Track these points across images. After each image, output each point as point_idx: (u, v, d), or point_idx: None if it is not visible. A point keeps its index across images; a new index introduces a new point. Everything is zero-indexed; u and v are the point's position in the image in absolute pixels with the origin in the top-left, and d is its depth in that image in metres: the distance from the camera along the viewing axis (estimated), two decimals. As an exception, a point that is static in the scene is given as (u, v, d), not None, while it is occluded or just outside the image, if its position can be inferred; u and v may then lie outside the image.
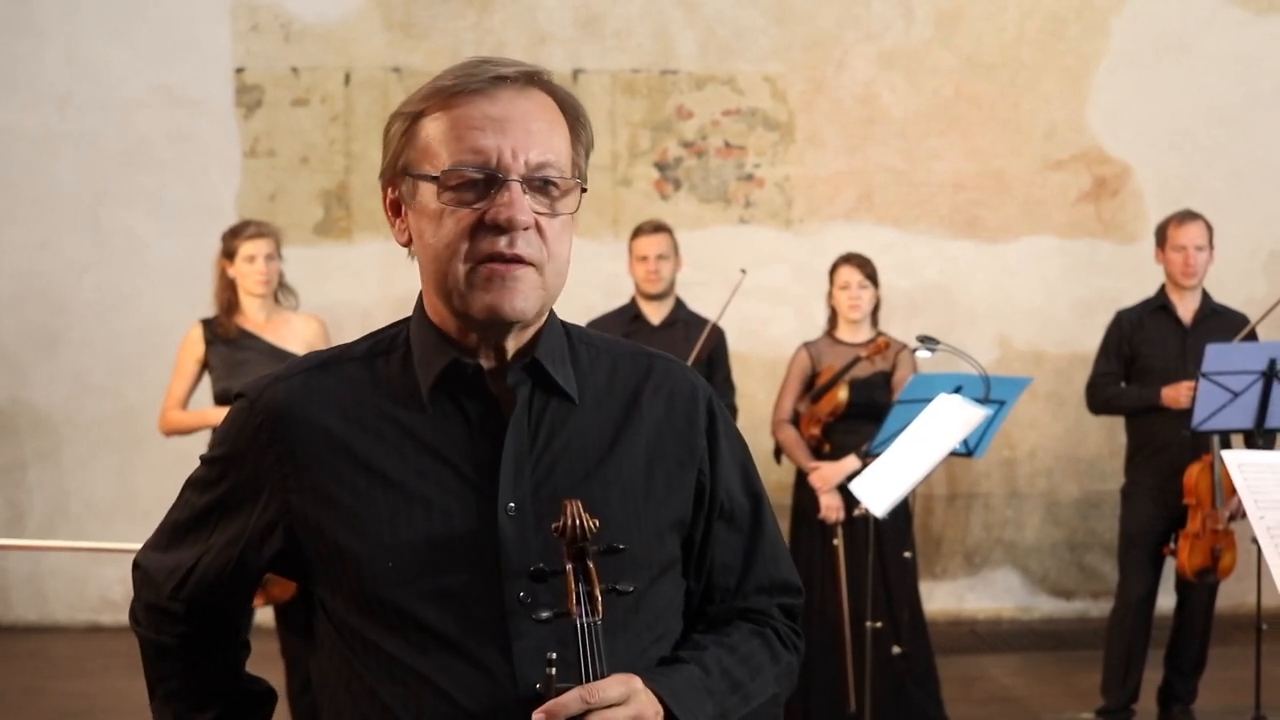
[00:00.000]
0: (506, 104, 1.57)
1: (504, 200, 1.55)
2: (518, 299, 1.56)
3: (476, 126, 1.56)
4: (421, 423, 1.61)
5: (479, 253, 1.55)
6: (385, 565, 1.57)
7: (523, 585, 1.56)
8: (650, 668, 1.61)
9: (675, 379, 1.72)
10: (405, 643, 1.57)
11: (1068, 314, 7.22)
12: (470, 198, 1.56)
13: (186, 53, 7.04)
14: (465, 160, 1.55)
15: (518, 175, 1.55)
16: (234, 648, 1.78)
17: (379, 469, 1.59)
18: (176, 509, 1.73)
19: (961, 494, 7.31)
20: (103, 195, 7.05)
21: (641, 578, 1.61)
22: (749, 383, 6.36)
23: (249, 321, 4.88)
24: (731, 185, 7.22)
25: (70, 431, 7.08)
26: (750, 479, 1.76)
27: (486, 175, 1.55)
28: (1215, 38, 7.25)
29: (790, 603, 1.79)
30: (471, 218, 1.55)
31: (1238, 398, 4.76)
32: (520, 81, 1.58)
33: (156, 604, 1.72)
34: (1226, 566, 5.14)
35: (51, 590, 7.09)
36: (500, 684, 1.55)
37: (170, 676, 1.75)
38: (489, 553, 1.57)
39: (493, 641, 1.56)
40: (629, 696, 1.51)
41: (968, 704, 5.71)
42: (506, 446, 1.59)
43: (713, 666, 1.65)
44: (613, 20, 7.15)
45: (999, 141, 7.26)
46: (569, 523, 1.53)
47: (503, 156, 1.55)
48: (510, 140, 1.55)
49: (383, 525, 1.58)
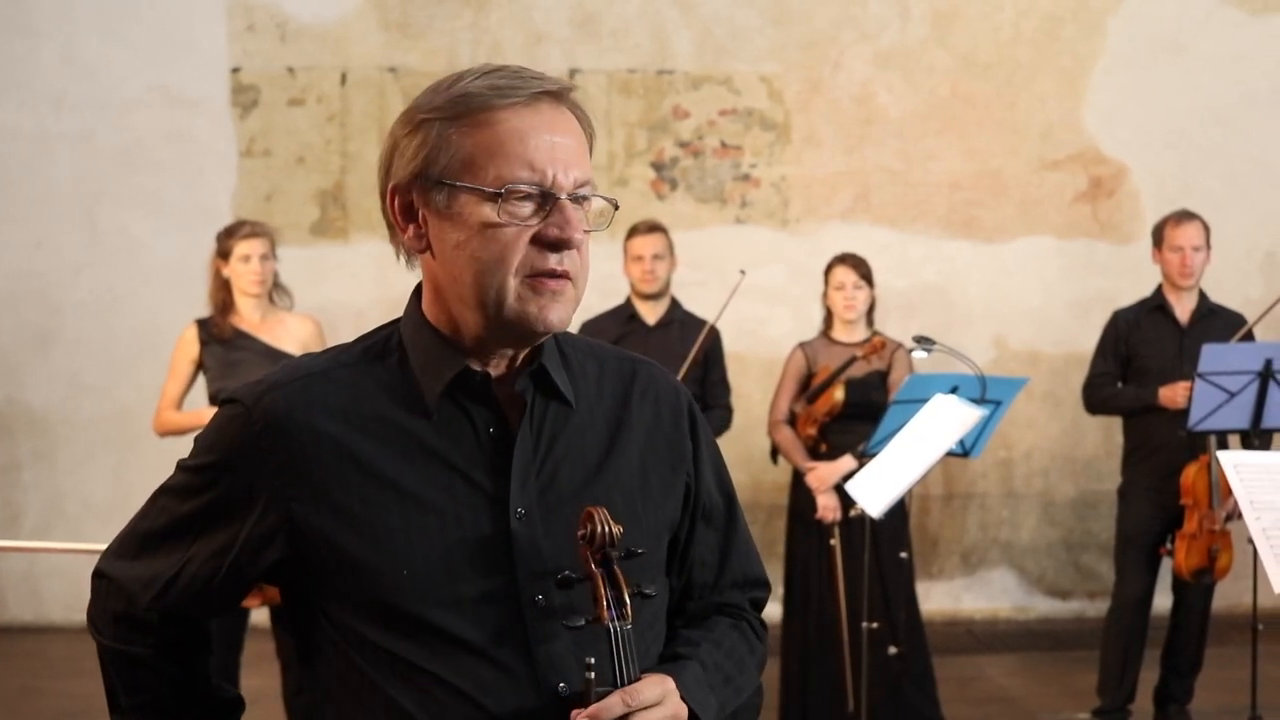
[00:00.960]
0: (552, 120, 1.58)
1: (560, 219, 1.57)
2: (561, 312, 1.59)
3: (529, 141, 1.56)
4: (427, 429, 1.60)
5: (531, 267, 1.56)
6: (400, 573, 1.56)
7: (540, 589, 1.58)
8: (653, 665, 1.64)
9: (659, 383, 1.75)
10: (425, 650, 1.57)
11: (1064, 314, 7.22)
12: (525, 212, 1.56)
13: (182, 52, 7.03)
14: (522, 176, 1.56)
15: (567, 192, 1.58)
16: (204, 656, 1.75)
17: (389, 477, 1.59)
18: (149, 517, 1.68)
19: (958, 494, 7.31)
20: (98, 195, 7.04)
21: (655, 580, 1.65)
22: (745, 383, 6.36)
23: (244, 322, 4.87)
24: (728, 185, 7.22)
25: (66, 432, 7.07)
26: (723, 477, 1.81)
27: (542, 192, 1.57)
28: (1211, 38, 7.26)
29: (760, 596, 1.85)
30: (526, 233, 1.56)
31: (1234, 398, 4.76)
32: (558, 97, 1.60)
33: (128, 614, 1.68)
34: (1223, 567, 5.14)
35: (47, 590, 7.08)
36: (523, 687, 1.56)
37: (140, 688, 1.72)
38: (503, 558, 1.58)
39: (512, 645, 1.57)
40: (664, 697, 1.56)
41: (964, 704, 5.72)
42: (517, 453, 1.61)
43: (709, 662, 1.69)
44: (609, 20, 7.15)
45: (995, 141, 7.26)
46: (598, 529, 1.54)
47: (556, 174, 1.57)
48: (561, 157, 1.57)
49: (395, 533, 1.57)
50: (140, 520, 1.70)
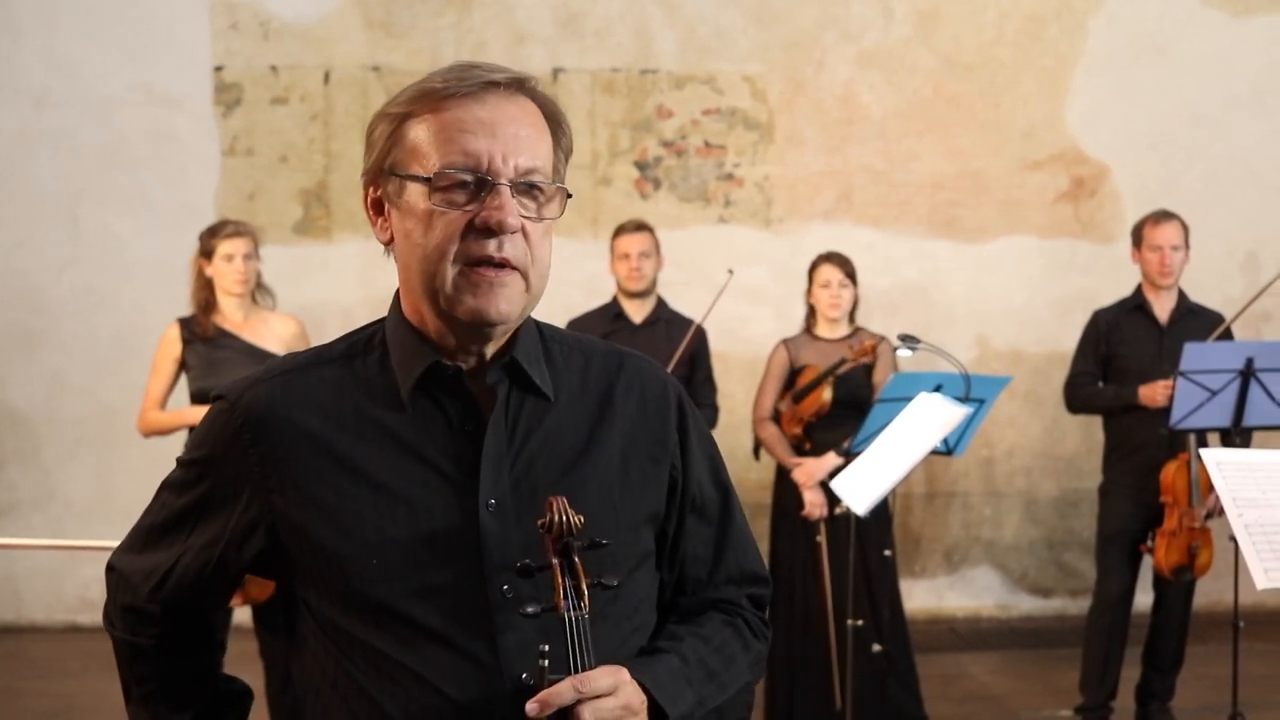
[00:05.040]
0: (496, 109, 1.59)
1: (495, 204, 1.57)
2: (503, 303, 1.59)
3: (468, 130, 1.58)
4: (402, 423, 1.63)
5: (468, 255, 1.58)
6: (370, 563, 1.59)
7: (506, 579, 1.59)
8: (631, 658, 1.64)
9: (646, 376, 1.76)
10: (393, 639, 1.59)
11: (1046, 313, 7.25)
12: (461, 200, 1.58)
13: (165, 51, 7.01)
14: (456, 162, 1.58)
15: (507, 179, 1.58)
16: (210, 648, 1.80)
17: (361, 469, 1.62)
18: (152, 512, 1.74)
19: (940, 492, 7.33)
20: (81, 194, 7.01)
21: (621, 570, 1.65)
22: (729, 382, 6.37)
23: (227, 321, 4.88)
24: (711, 185, 7.23)
25: (48, 431, 7.04)
26: (719, 472, 1.81)
27: (477, 178, 1.58)
28: (1192, 39, 7.30)
29: (759, 593, 1.84)
30: (462, 220, 1.58)
31: (1215, 396, 4.78)
32: (509, 87, 1.61)
33: (133, 606, 1.74)
34: (1203, 564, 5.17)
35: (29, 590, 7.05)
36: (488, 676, 1.58)
37: (147, 678, 1.77)
38: (472, 548, 1.60)
39: (479, 635, 1.59)
40: (617, 687, 1.55)
41: (947, 702, 5.74)
42: (486, 444, 1.62)
43: (690, 656, 1.69)
44: (593, 20, 7.15)
45: (978, 142, 7.28)
46: (556, 519, 1.55)
47: (493, 160, 1.58)
48: (500, 144, 1.58)
49: (366, 524, 1.60)
50: (145, 515, 1.76)
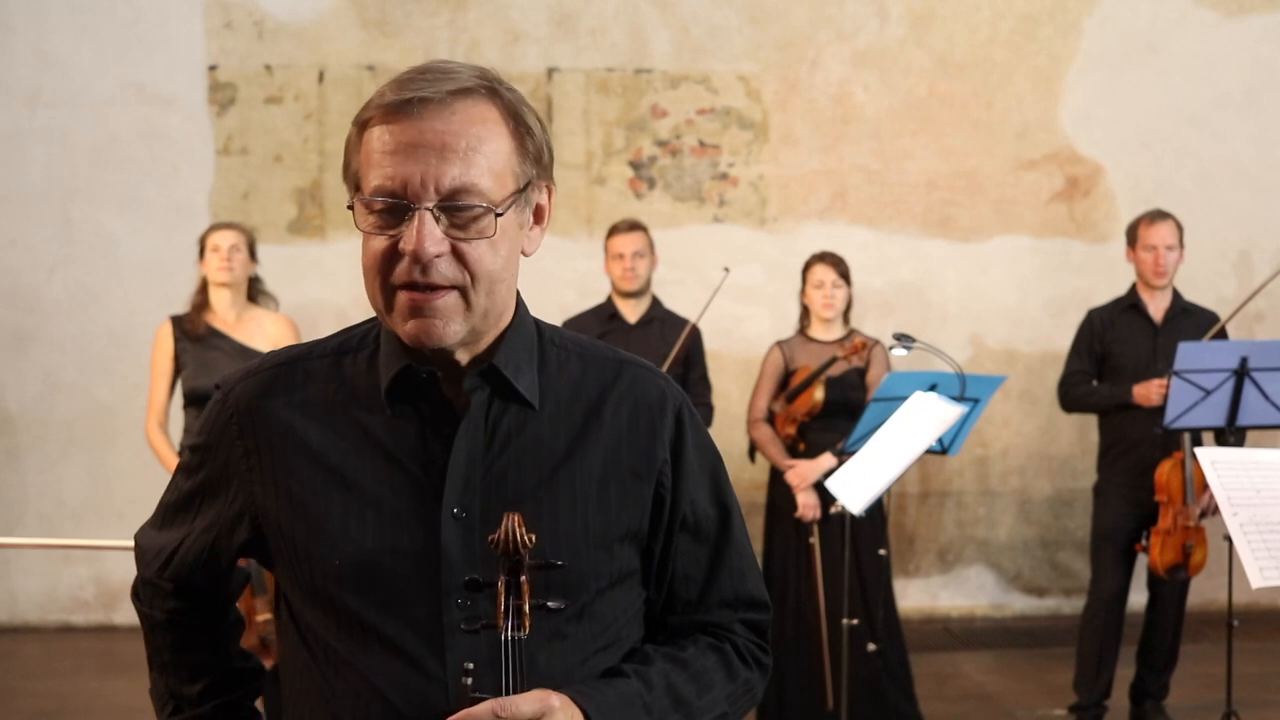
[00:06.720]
0: (424, 127, 1.51)
1: (410, 231, 1.51)
2: (438, 327, 1.54)
3: (390, 151, 1.52)
4: (379, 424, 1.61)
5: (398, 279, 1.53)
6: (333, 563, 1.59)
7: (461, 593, 1.56)
8: (590, 679, 1.59)
9: (643, 386, 1.68)
10: (349, 639, 1.59)
11: (1040, 313, 7.26)
12: (386, 223, 1.53)
13: (158, 49, 6.99)
14: (380, 187, 1.52)
15: (429, 203, 1.51)
16: (222, 625, 1.82)
17: (335, 467, 1.61)
18: (169, 491, 1.77)
19: (934, 492, 7.33)
20: (73, 192, 7.00)
21: (587, 590, 1.60)
22: (723, 381, 6.37)
23: (219, 320, 4.94)
24: (705, 184, 7.23)
25: (41, 430, 7.02)
26: (720, 490, 1.73)
27: (397, 204, 1.52)
28: (1185, 39, 7.30)
29: (756, 618, 1.76)
30: (385, 244, 1.53)
31: (1209, 395, 4.79)
32: (448, 100, 1.52)
33: (149, 580, 1.78)
34: (1197, 563, 5.17)
35: (21, 590, 7.03)
36: (434, 689, 1.55)
37: (163, 649, 1.80)
38: (432, 557, 1.57)
39: (430, 646, 1.56)
40: (544, 714, 1.49)
41: (941, 701, 5.74)
42: (455, 450, 1.58)
43: (657, 681, 1.62)
44: (587, 19, 7.14)
45: (972, 141, 7.29)
46: (504, 536, 1.51)
47: (411, 184, 1.51)
48: (421, 167, 1.50)
49: (334, 523, 1.59)
50: (165, 493, 1.79)
